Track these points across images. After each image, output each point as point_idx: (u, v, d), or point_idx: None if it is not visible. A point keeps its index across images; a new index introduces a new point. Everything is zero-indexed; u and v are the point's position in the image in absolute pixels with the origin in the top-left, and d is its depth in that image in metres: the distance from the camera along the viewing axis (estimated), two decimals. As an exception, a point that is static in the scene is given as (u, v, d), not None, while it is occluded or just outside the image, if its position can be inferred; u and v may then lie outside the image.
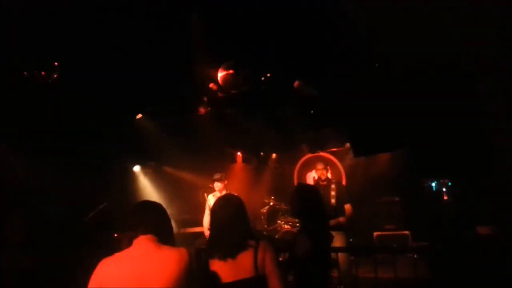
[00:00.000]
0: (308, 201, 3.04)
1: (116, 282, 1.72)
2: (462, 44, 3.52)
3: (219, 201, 2.53)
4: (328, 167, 5.59)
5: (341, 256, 4.61)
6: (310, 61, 5.08)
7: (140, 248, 1.83)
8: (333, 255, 6.14)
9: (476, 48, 3.52)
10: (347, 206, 5.06)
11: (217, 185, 5.66)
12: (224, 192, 5.55)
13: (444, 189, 6.95)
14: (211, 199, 5.74)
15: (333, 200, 5.09)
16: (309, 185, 3.68)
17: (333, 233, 4.85)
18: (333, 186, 5.21)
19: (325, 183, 5.35)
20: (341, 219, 4.95)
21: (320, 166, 5.56)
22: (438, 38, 3.64)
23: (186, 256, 1.87)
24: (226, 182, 5.76)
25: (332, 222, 4.77)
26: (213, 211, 2.47)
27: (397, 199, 7.62)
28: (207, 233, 5.72)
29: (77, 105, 5.46)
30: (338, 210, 5.03)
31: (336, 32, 4.30)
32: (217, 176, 5.69)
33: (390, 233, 7.11)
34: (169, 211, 2.10)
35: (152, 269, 1.74)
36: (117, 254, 1.85)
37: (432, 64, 3.87)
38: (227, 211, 2.39)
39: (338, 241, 4.70)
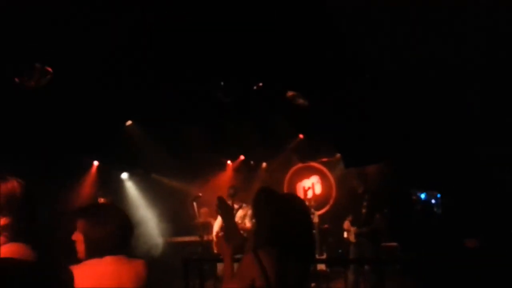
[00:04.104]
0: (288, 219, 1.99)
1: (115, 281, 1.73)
2: (452, 54, 3.56)
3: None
4: (360, 179, 5.68)
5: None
6: (301, 71, 5.10)
7: (111, 260, 1.78)
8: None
9: (465, 58, 3.57)
10: (377, 216, 5.31)
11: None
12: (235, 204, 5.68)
13: (433, 201, 6.98)
14: None
15: (364, 210, 5.31)
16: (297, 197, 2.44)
17: (361, 239, 5.33)
18: (367, 196, 5.38)
19: (361, 192, 5.50)
20: (364, 229, 5.27)
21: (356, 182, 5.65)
22: (426, 47, 3.68)
23: (146, 268, 1.85)
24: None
25: (358, 231, 5.33)
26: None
27: (386, 210, 7.61)
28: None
29: (66, 111, 5.40)
30: (368, 220, 5.27)
31: (327, 43, 4.33)
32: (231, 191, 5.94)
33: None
34: (156, 220, 2.02)
35: (128, 277, 1.77)
36: (88, 263, 1.78)
37: (422, 74, 3.91)
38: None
39: (365, 248, 5.25)
